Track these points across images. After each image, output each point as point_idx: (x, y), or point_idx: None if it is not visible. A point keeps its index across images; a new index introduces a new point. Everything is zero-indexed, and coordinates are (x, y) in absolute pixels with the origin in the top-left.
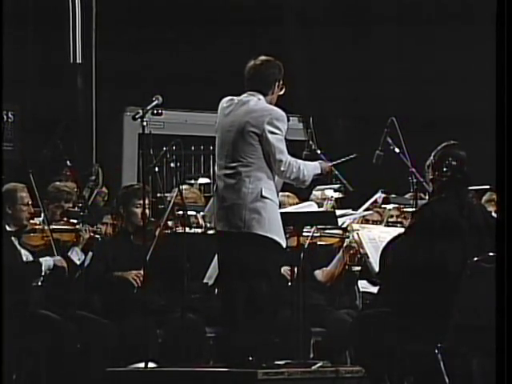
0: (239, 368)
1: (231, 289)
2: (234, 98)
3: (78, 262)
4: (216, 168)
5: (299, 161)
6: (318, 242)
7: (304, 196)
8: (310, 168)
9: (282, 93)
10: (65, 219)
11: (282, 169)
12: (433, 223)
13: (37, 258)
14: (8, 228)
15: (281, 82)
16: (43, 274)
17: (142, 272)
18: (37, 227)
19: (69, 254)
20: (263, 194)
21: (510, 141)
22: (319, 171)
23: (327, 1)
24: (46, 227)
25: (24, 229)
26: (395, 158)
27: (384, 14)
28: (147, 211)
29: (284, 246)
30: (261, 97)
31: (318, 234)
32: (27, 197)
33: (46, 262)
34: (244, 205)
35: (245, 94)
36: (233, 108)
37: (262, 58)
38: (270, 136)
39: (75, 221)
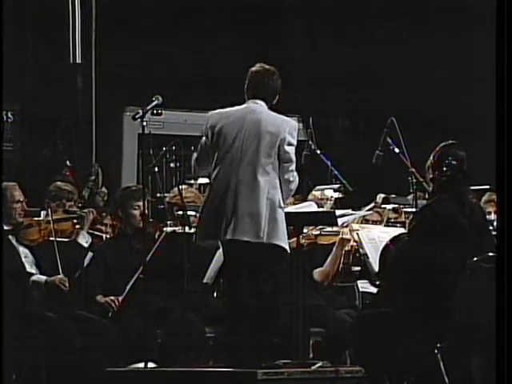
0: (239, 368)
1: (245, 297)
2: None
3: (86, 245)
4: (220, 175)
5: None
6: (318, 242)
7: (302, 196)
8: None
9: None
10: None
11: (291, 179)
12: (434, 224)
13: (35, 253)
14: (5, 227)
15: None
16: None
17: (119, 298)
18: (32, 222)
19: (76, 238)
20: (280, 204)
21: (510, 141)
22: None
23: (328, 0)
24: (41, 219)
25: (19, 226)
26: (395, 158)
27: (384, 14)
28: (146, 212)
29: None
30: (264, 105)
31: (318, 233)
32: (19, 195)
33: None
34: (264, 215)
35: (250, 102)
36: (241, 115)
37: (268, 67)
38: (288, 148)
39: (75, 221)
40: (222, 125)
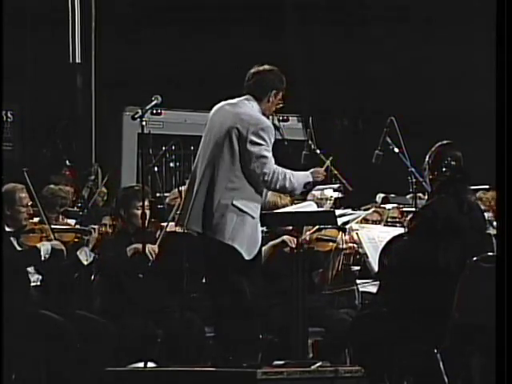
0: (239, 368)
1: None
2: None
3: (85, 263)
4: (193, 168)
5: (287, 170)
6: (315, 249)
7: (299, 196)
8: (300, 177)
9: (279, 106)
10: (63, 220)
11: (266, 178)
12: (433, 223)
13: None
14: (7, 228)
15: (280, 94)
16: (43, 258)
17: (156, 247)
18: (36, 227)
19: (78, 253)
20: (233, 202)
21: (510, 140)
22: (310, 179)
23: (327, 0)
24: (45, 226)
25: (23, 229)
26: (395, 158)
27: (384, 13)
28: (147, 212)
29: (246, 257)
30: (254, 103)
31: (315, 236)
32: (26, 198)
33: (44, 246)
34: (214, 209)
35: (240, 98)
36: (222, 108)
37: (266, 66)
38: (252, 148)
39: (73, 221)
40: (208, 122)
